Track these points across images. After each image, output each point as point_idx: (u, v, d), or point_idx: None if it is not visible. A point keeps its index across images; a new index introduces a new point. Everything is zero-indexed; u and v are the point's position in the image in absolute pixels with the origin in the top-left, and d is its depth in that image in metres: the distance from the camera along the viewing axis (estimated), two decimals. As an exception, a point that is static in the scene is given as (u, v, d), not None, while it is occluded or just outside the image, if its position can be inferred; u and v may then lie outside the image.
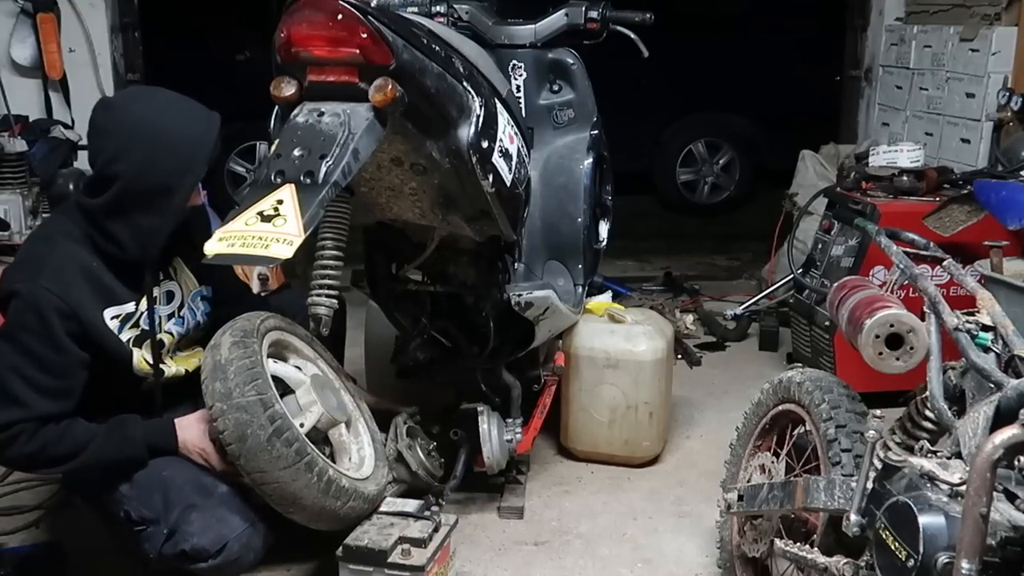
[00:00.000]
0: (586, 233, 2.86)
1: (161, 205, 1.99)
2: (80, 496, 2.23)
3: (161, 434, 2.06)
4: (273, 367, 2.08)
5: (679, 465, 3.09)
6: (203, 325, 2.26)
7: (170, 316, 2.18)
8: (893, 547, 1.54)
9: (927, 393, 1.80)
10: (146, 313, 2.10)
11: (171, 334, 2.17)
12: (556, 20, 2.89)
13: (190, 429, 2.06)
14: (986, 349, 1.73)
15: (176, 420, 2.07)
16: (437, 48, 2.06)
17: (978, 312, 1.80)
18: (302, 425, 2.05)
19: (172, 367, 2.18)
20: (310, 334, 2.22)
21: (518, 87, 2.89)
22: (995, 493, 1.37)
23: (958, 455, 1.60)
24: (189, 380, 2.17)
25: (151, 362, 2.11)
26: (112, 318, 2.04)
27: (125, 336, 2.06)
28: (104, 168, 1.99)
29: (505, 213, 2.33)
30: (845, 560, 1.74)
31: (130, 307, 2.08)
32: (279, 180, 1.74)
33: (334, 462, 2.16)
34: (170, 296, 2.18)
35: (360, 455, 2.27)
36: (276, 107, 2.03)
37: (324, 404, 2.13)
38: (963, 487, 1.47)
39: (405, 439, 2.45)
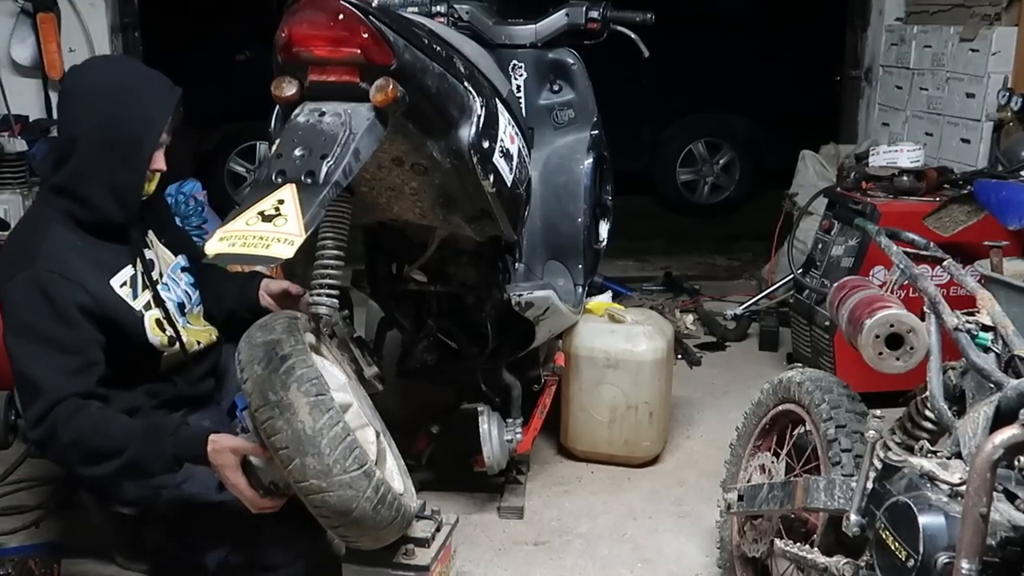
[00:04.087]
0: (586, 233, 2.86)
1: (132, 159, 2.05)
2: (91, 493, 2.21)
3: (191, 449, 1.94)
4: None
5: (679, 465, 3.09)
6: (195, 300, 2.30)
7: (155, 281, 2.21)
8: (893, 547, 1.54)
9: (927, 393, 1.80)
10: (143, 273, 2.13)
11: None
12: (556, 20, 2.89)
13: (223, 456, 1.92)
14: (986, 349, 1.72)
15: (211, 438, 1.93)
16: (438, 48, 2.05)
17: (978, 312, 1.80)
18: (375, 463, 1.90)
19: (184, 336, 2.19)
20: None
21: (518, 87, 2.89)
22: (995, 493, 1.37)
23: (958, 455, 1.60)
24: (211, 374, 2.18)
25: (163, 325, 2.13)
26: (120, 286, 2.08)
27: (137, 304, 2.10)
28: (71, 128, 2.05)
29: (506, 213, 2.32)
30: (845, 560, 1.74)
31: (129, 270, 2.12)
32: (280, 180, 1.73)
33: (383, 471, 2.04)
34: (152, 264, 2.22)
35: (382, 446, 2.08)
36: (277, 107, 2.03)
37: (371, 421, 1.97)
38: (963, 487, 1.47)
39: (359, 351, 2.19)
